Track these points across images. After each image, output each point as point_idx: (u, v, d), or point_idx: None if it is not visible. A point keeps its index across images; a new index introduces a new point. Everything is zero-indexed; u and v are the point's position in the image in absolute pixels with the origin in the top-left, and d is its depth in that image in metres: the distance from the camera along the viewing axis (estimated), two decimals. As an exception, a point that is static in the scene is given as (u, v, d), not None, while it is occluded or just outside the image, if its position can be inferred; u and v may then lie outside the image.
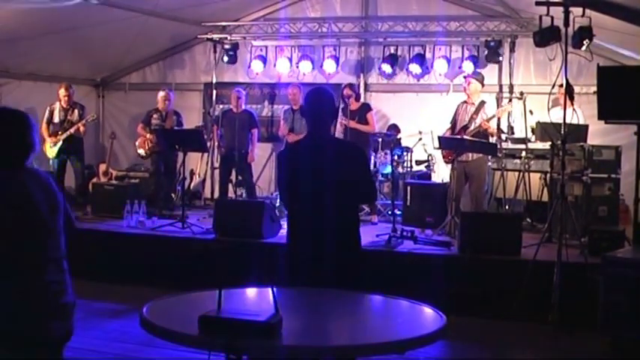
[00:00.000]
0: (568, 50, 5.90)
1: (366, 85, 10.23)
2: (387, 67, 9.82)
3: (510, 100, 8.77)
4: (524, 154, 7.97)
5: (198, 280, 5.50)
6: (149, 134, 9.16)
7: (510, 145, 8.40)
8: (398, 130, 9.50)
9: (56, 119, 8.98)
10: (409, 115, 9.77)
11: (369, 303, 3.26)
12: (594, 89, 6.58)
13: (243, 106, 9.32)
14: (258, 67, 10.29)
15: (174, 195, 9.61)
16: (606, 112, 6.03)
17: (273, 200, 8.51)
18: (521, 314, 5.84)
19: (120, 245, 7.42)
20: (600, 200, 7.11)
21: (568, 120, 5.96)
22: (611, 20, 6.78)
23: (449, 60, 9.60)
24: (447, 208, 7.78)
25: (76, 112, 9.03)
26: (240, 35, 10.47)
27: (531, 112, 8.13)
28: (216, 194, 9.98)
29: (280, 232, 7.17)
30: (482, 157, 7.75)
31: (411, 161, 9.16)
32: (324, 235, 3.60)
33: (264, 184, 10.03)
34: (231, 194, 9.46)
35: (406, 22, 9.76)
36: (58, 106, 9.02)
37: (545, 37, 6.69)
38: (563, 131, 5.96)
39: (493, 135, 7.90)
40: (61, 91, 9.01)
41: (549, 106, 6.56)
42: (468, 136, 7.68)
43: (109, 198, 8.57)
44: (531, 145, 7.99)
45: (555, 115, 6.49)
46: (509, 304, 5.92)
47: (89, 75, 11.27)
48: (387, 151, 8.61)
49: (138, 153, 9.46)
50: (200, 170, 10.38)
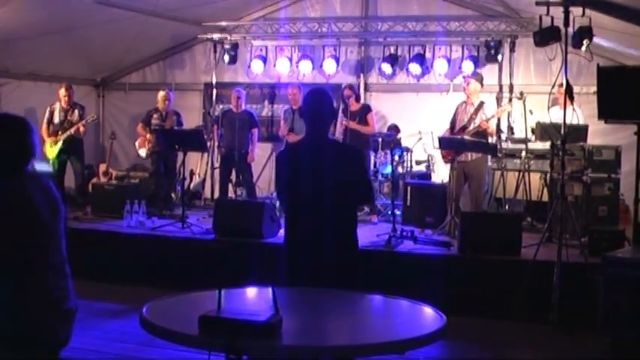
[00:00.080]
0: (568, 50, 5.91)
1: (366, 85, 10.22)
2: (387, 67, 9.82)
3: (510, 100, 8.76)
4: (524, 154, 7.97)
5: (198, 280, 5.52)
6: (149, 134, 9.16)
7: (510, 145, 8.40)
8: (398, 130, 9.50)
9: (56, 119, 8.98)
10: (409, 115, 9.76)
11: (368, 303, 3.27)
12: (594, 89, 6.57)
13: (243, 106, 9.31)
14: (258, 67, 10.29)
15: (174, 195, 9.61)
16: (606, 112, 6.03)
17: (273, 200, 8.49)
18: (521, 314, 5.84)
19: (120, 245, 7.42)
20: (600, 200, 7.11)
21: (568, 120, 5.97)
22: (611, 20, 6.78)
23: (449, 60, 9.59)
24: (447, 208, 7.78)
25: (76, 113, 9.03)
26: (240, 35, 10.46)
27: (531, 112, 8.12)
28: (216, 194, 9.97)
29: (280, 232, 7.17)
30: (482, 157, 7.74)
31: (411, 161, 9.16)
32: (323, 235, 3.62)
33: (264, 184, 10.02)
34: (231, 194, 9.45)
35: (406, 22, 9.75)
36: (58, 107, 9.02)
37: (545, 37, 6.69)
38: (563, 131, 5.96)
39: (492, 135, 7.89)
40: (61, 92, 9.01)
41: (549, 105, 6.57)
42: (467, 136, 7.68)
43: (109, 198, 8.56)
44: (531, 145, 7.99)
45: (554, 115, 6.50)
46: (509, 304, 5.92)
47: (89, 75, 11.27)
48: (387, 151, 8.61)
49: (138, 153, 9.46)
50: (200, 170, 10.38)
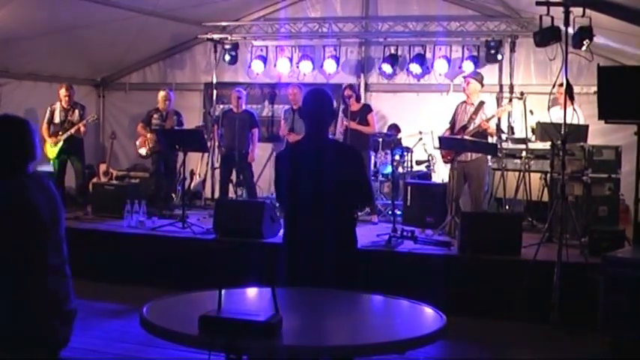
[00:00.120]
0: (568, 50, 5.91)
1: (367, 85, 10.22)
2: (387, 67, 9.82)
3: (510, 100, 8.76)
4: (524, 154, 7.97)
5: (198, 280, 5.53)
6: (149, 134, 9.16)
7: (510, 145, 8.39)
8: (398, 130, 9.50)
9: (57, 119, 8.99)
10: (409, 115, 9.77)
11: (369, 303, 3.27)
12: (594, 89, 6.57)
13: (243, 106, 9.31)
14: (258, 67, 10.29)
15: (174, 195, 9.62)
16: (606, 112, 6.02)
17: (273, 200, 8.48)
18: (521, 314, 5.84)
19: (120, 245, 7.41)
20: (600, 200, 7.11)
21: (568, 120, 5.97)
22: (611, 20, 6.78)
23: (449, 60, 9.59)
24: (447, 208, 7.78)
25: (77, 113, 9.04)
26: (241, 35, 10.47)
27: (531, 112, 8.13)
28: (217, 194, 9.97)
29: (280, 232, 7.16)
30: (482, 157, 7.74)
31: (412, 161, 9.17)
32: (323, 235, 3.62)
33: (264, 184, 10.02)
34: (232, 194, 9.46)
35: (406, 22, 9.76)
36: (58, 107, 9.03)
37: (546, 37, 6.69)
38: (563, 131, 5.96)
39: (492, 135, 7.89)
40: (62, 91, 9.02)
41: (549, 105, 6.57)
42: (467, 136, 7.68)
43: (109, 198, 8.56)
44: (531, 145, 7.98)
45: (555, 115, 6.49)
46: (509, 304, 5.92)
47: (89, 75, 11.28)
48: (388, 151, 8.61)
49: (138, 153, 9.47)
50: (200, 170, 10.37)
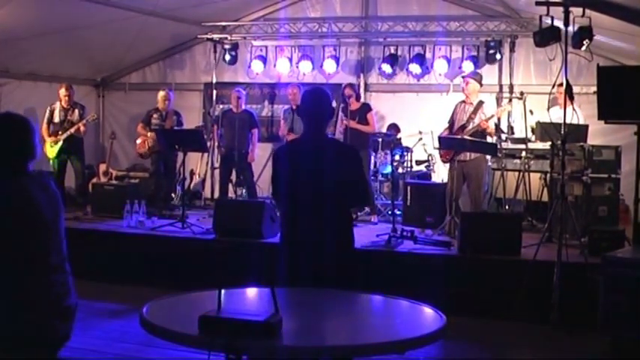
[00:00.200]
0: (568, 50, 5.91)
1: (366, 85, 10.22)
2: (387, 67, 9.82)
3: (510, 100, 8.75)
4: (524, 154, 7.97)
5: (198, 280, 5.52)
6: (149, 134, 9.16)
7: (510, 145, 8.40)
8: (398, 130, 9.50)
9: (56, 119, 8.99)
10: (409, 115, 9.77)
11: (368, 303, 3.26)
12: (594, 89, 6.57)
13: (243, 106, 9.31)
14: (258, 67, 10.29)
15: (174, 195, 9.62)
16: (606, 112, 6.02)
17: (273, 200, 8.50)
18: (521, 314, 5.83)
19: (120, 245, 7.41)
20: (600, 200, 7.11)
21: (568, 120, 5.96)
22: (611, 20, 6.78)
23: (449, 60, 9.59)
24: (447, 208, 7.78)
25: (77, 112, 9.04)
26: (240, 35, 10.47)
27: (531, 112, 8.12)
28: (216, 194, 9.97)
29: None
30: (480, 157, 7.73)
31: (411, 161, 9.17)
32: (323, 235, 3.62)
33: (264, 184, 10.00)
34: (231, 194, 9.46)
35: (406, 22, 9.76)
36: (58, 106, 9.03)
37: (545, 37, 6.68)
38: (563, 131, 5.96)
39: (492, 135, 7.88)
40: (62, 91, 9.02)
41: (549, 105, 6.56)
42: (466, 136, 7.67)
43: (109, 198, 8.56)
44: (531, 145, 7.98)
45: (554, 115, 6.49)
46: (509, 304, 5.91)
47: (89, 75, 11.28)
48: (387, 151, 8.62)
49: (138, 153, 9.46)
50: (200, 170, 10.38)
